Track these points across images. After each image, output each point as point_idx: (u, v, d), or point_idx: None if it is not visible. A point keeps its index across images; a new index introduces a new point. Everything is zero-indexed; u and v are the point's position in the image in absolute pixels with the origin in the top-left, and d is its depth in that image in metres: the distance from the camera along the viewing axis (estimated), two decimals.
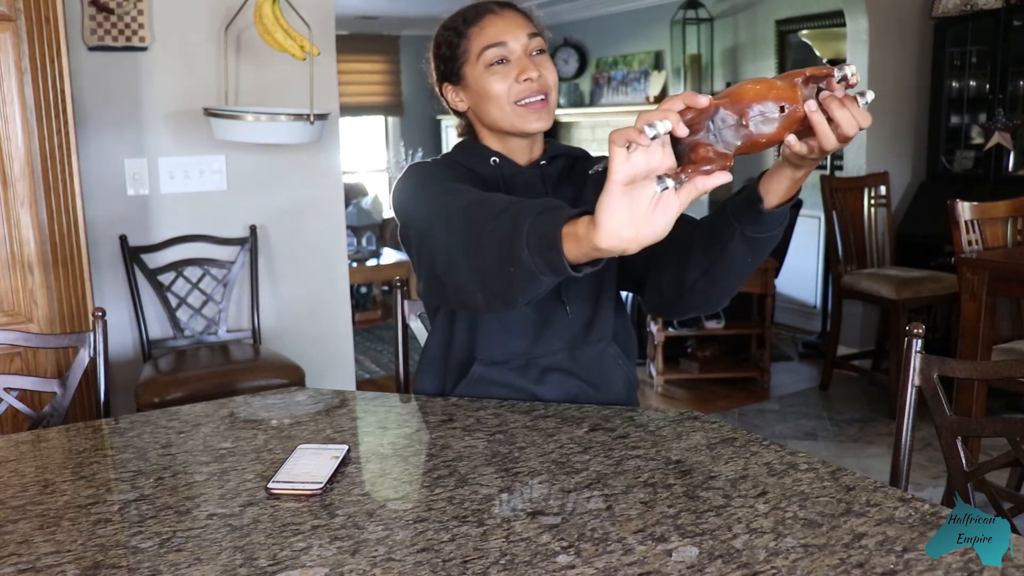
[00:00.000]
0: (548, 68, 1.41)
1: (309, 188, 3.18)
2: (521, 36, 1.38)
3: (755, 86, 0.93)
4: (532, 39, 1.39)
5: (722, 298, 1.30)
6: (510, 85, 1.37)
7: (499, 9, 1.41)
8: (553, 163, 1.49)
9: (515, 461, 1.14)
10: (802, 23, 5.29)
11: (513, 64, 1.38)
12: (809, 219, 5.21)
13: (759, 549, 0.89)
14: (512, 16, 1.41)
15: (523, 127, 1.40)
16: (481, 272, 1.08)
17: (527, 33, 1.39)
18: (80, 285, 2.28)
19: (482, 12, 1.41)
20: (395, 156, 8.24)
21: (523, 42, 1.39)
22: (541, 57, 1.40)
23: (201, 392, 2.50)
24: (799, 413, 3.95)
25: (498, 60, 1.38)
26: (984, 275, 2.88)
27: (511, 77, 1.38)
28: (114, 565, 0.90)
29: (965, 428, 1.31)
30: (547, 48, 1.44)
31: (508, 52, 1.38)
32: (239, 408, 1.42)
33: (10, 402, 1.58)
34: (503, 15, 1.40)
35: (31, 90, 2.15)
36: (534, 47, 1.39)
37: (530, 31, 1.39)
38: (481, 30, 1.39)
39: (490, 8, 1.41)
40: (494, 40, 1.38)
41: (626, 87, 6.87)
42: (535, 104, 1.38)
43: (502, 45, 1.38)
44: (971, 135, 4.41)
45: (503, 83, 1.38)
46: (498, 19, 1.40)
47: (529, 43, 1.39)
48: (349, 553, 0.90)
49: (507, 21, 1.39)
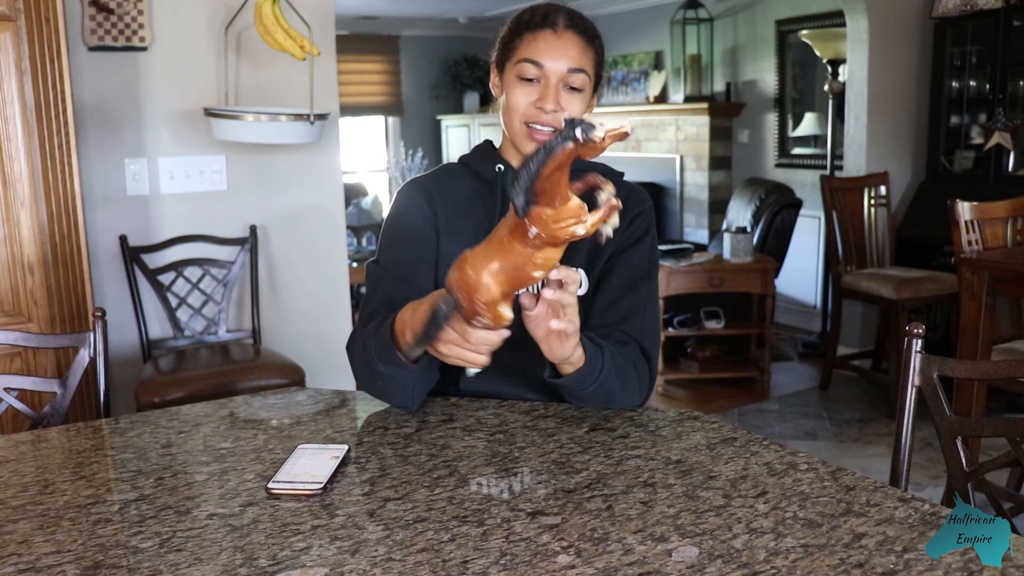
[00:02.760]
0: (574, 106, 1.37)
1: (309, 188, 3.18)
2: (561, 66, 1.35)
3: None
4: (573, 74, 1.35)
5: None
6: (528, 104, 1.37)
7: (562, 28, 1.37)
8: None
9: (515, 461, 1.14)
10: (802, 23, 5.29)
11: (540, 87, 1.36)
12: (809, 219, 5.21)
13: (759, 549, 0.89)
14: (569, 40, 1.36)
15: (522, 146, 1.40)
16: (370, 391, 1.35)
17: (569, 67, 1.35)
18: (80, 285, 2.28)
19: (545, 23, 1.37)
20: (395, 156, 8.25)
21: (560, 73, 1.35)
22: (572, 94, 1.37)
23: (201, 392, 2.50)
24: (799, 413, 3.95)
25: (528, 76, 1.36)
26: (984, 275, 2.88)
27: (531, 97, 1.36)
28: (114, 565, 0.90)
29: (965, 428, 1.31)
30: (590, 85, 1.39)
31: (541, 74, 1.35)
32: (239, 408, 1.42)
33: (10, 402, 1.58)
34: (561, 36, 1.36)
35: (31, 90, 2.15)
36: (571, 82, 1.36)
37: (574, 65, 1.35)
38: (533, 40, 1.36)
39: (554, 22, 1.37)
40: (534, 57, 1.35)
41: (626, 87, 6.88)
42: (540, 133, 1.37)
43: (538, 66, 1.35)
44: (971, 135, 4.41)
45: (523, 99, 1.37)
46: (552, 38, 1.36)
47: (567, 76, 1.35)
48: (349, 553, 0.90)
49: (560, 44, 1.35)
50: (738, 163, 5.99)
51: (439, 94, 8.38)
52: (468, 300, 1.06)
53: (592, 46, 1.38)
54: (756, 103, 5.79)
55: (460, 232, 1.43)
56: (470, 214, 1.45)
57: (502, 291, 1.05)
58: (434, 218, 1.45)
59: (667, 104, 6.27)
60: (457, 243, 1.43)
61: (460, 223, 1.44)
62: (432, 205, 1.45)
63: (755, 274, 4.14)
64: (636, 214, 1.45)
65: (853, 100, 4.52)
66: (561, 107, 1.36)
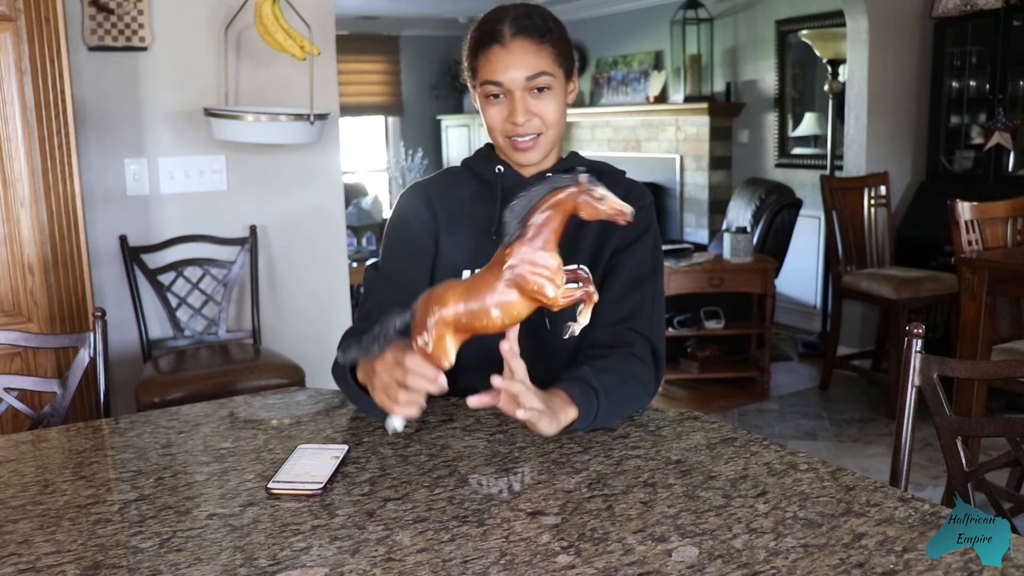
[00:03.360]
0: (547, 106, 1.38)
1: (309, 188, 3.18)
2: (519, 78, 1.35)
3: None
4: (533, 79, 1.35)
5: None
6: (503, 120, 1.38)
7: (509, 39, 1.36)
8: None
9: (515, 461, 1.14)
10: (802, 23, 5.29)
11: (507, 103, 1.37)
12: (809, 219, 5.21)
13: (759, 549, 0.89)
14: (519, 49, 1.36)
15: (512, 158, 1.44)
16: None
17: (526, 76, 1.35)
18: (80, 285, 2.28)
19: (492, 40, 1.37)
20: (395, 156, 8.25)
21: (520, 84, 1.36)
22: (541, 96, 1.37)
23: (201, 392, 2.50)
24: (799, 413, 3.95)
25: (494, 95, 1.38)
26: (984, 275, 2.88)
27: (503, 113, 1.38)
28: (114, 565, 0.90)
29: (965, 428, 1.31)
30: (559, 76, 1.39)
31: (503, 90, 1.36)
32: (239, 408, 1.42)
33: (10, 402, 1.58)
34: (510, 48, 1.35)
35: (31, 90, 2.15)
36: (534, 86, 1.36)
37: (531, 72, 1.35)
38: (486, 60, 1.37)
39: (500, 37, 1.36)
40: (491, 77, 1.36)
41: (626, 87, 6.87)
42: (523, 143, 1.39)
43: (498, 84, 1.36)
44: (971, 135, 4.41)
45: (496, 117, 1.39)
46: (503, 54, 1.35)
47: (528, 84, 1.36)
48: (349, 553, 0.90)
49: (511, 57, 1.35)
50: (738, 163, 5.99)
51: (439, 94, 8.38)
52: (422, 311, 1.08)
53: (545, 42, 1.37)
54: (756, 103, 5.79)
55: (462, 232, 1.45)
56: (471, 214, 1.46)
57: (455, 317, 1.06)
58: (433, 223, 1.46)
59: (667, 104, 6.26)
60: (459, 243, 1.45)
61: (461, 223, 1.46)
62: (432, 210, 1.47)
63: (755, 274, 4.14)
64: (636, 208, 1.45)
65: (853, 100, 4.52)
66: (533, 114, 1.37)
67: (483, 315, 1.07)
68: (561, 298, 1.07)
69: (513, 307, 1.07)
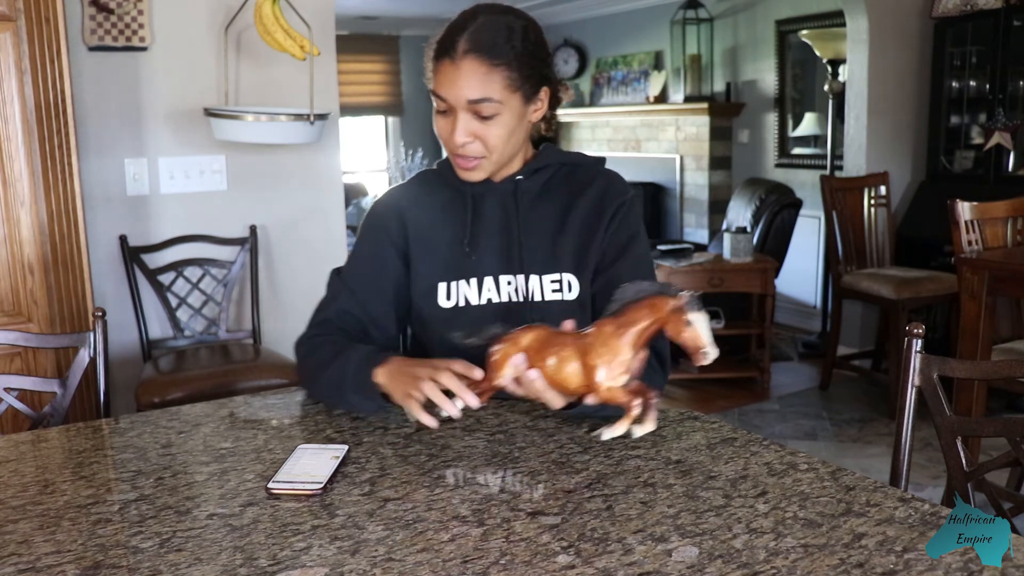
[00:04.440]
0: (491, 131, 1.31)
1: (309, 188, 3.18)
2: (461, 98, 1.29)
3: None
4: (476, 103, 1.29)
5: None
6: (448, 134, 1.34)
7: (460, 56, 1.28)
8: (535, 176, 1.43)
9: (515, 461, 1.14)
10: (802, 23, 5.29)
11: (452, 119, 1.32)
12: (809, 219, 5.21)
13: (759, 549, 0.89)
14: (468, 68, 1.28)
15: (459, 174, 1.39)
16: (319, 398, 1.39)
17: (469, 99, 1.29)
18: (80, 285, 2.28)
19: (444, 53, 1.30)
20: (395, 156, 8.25)
21: (463, 104, 1.30)
22: (485, 121, 1.31)
23: (201, 392, 2.50)
24: (799, 413, 3.95)
25: (440, 109, 1.33)
26: (984, 275, 2.88)
27: (448, 128, 1.33)
28: (114, 565, 0.90)
29: (965, 428, 1.31)
30: (511, 103, 1.31)
31: (448, 107, 1.32)
32: (239, 408, 1.42)
33: (10, 402, 1.58)
34: (459, 66, 1.28)
35: (31, 90, 2.15)
36: (478, 111, 1.30)
37: (474, 96, 1.28)
38: (437, 70, 1.32)
39: (452, 51, 1.29)
40: (437, 90, 1.32)
41: (626, 87, 6.87)
42: (464, 163, 1.35)
43: (442, 99, 1.31)
44: (971, 135, 4.41)
45: (442, 130, 1.35)
46: (451, 70, 1.29)
47: (471, 107, 1.30)
48: (349, 553, 0.90)
49: (458, 75, 1.28)
50: (738, 163, 5.99)
51: None
52: (506, 339, 1.15)
53: (498, 65, 1.28)
54: (756, 103, 5.79)
55: (435, 244, 1.43)
56: (445, 224, 1.43)
57: (528, 344, 1.12)
58: (403, 241, 1.44)
59: (667, 104, 6.27)
60: (431, 257, 1.42)
61: (433, 238, 1.43)
62: (403, 227, 1.44)
63: (755, 274, 4.14)
64: (616, 207, 1.42)
65: (853, 100, 4.52)
66: (476, 136, 1.32)
67: (545, 356, 1.12)
68: (605, 389, 1.08)
69: (568, 377, 1.11)
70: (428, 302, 1.42)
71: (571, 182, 1.45)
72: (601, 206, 1.42)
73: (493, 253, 1.41)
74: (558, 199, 1.43)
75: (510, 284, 1.41)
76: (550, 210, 1.43)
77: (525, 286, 1.40)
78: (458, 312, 1.41)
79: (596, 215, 1.41)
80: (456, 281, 1.41)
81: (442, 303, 1.41)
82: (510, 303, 1.41)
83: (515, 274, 1.41)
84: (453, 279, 1.42)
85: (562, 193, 1.44)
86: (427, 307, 1.42)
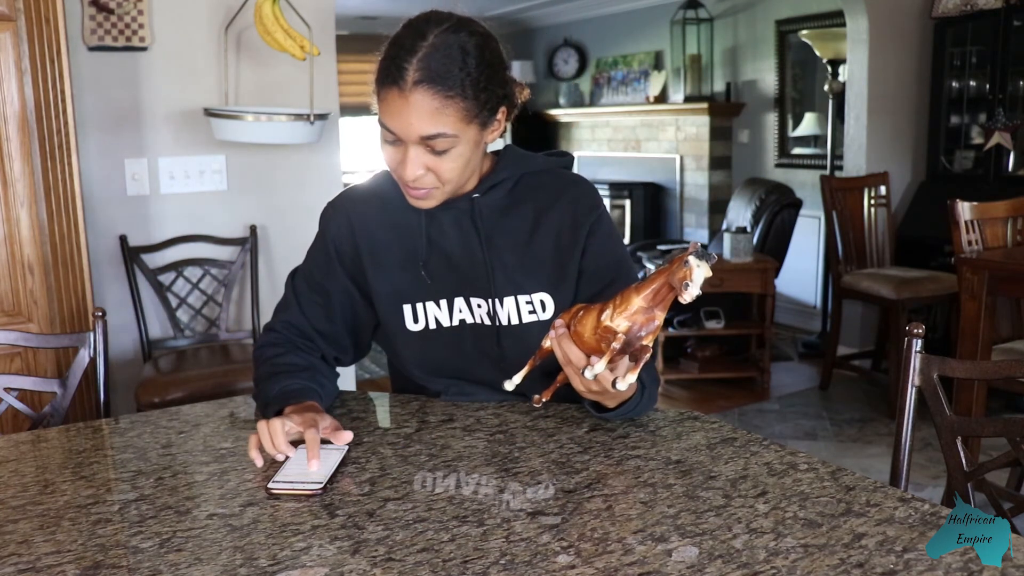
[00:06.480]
0: (445, 164, 1.20)
1: (309, 188, 3.18)
2: (413, 133, 1.17)
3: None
4: (430, 139, 1.17)
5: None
6: (396, 164, 1.23)
7: (410, 87, 1.15)
8: (494, 191, 1.32)
9: (515, 461, 1.14)
10: (802, 23, 5.29)
11: (401, 150, 1.21)
12: (809, 219, 5.21)
13: (759, 549, 0.89)
14: (418, 102, 1.15)
15: (410, 201, 1.28)
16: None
17: (422, 134, 1.17)
18: (80, 285, 2.27)
19: (391, 80, 1.17)
20: None
21: (414, 140, 1.18)
22: (439, 155, 1.19)
23: (201, 392, 2.51)
24: (799, 413, 3.95)
25: (388, 140, 1.22)
26: (984, 275, 2.88)
27: (398, 158, 1.22)
28: (114, 565, 0.90)
29: (965, 428, 1.31)
30: (467, 135, 1.19)
31: (397, 139, 1.20)
32: (239, 408, 1.42)
33: (10, 402, 1.58)
34: (408, 98, 1.15)
35: (31, 90, 2.15)
36: (431, 146, 1.18)
37: (426, 132, 1.17)
38: (383, 99, 1.19)
39: (401, 79, 1.16)
40: (384, 120, 1.20)
41: (626, 87, 6.88)
42: (415, 192, 1.24)
43: (390, 131, 1.20)
44: (971, 135, 4.41)
45: (390, 160, 1.24)
46: (399, 102, 1.16)
47: (423, 142, 1.18)
48: (349, 553, 0.90)
49: (407, 109, 1.16)
50: (738, 163, 5.99)
51: None
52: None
53: (452, 97, 1.16)
54: (756, 103, 5.79)
55: (389, 254, 1.35)
56: (402, 231, 1.35)
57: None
58: (354, 252, 1.37)
59: (667, 104, 6.27)
60: (384, 269, 1.35)
61: (388, 257, 1.35)
62: (352, 237, 1.37)
63: (755, 274, 4.13)
64: (593, 222, 1.33)
65: (853, 100, 4.52)
66: (427, 170, 1.21)
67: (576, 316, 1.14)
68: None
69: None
70: (395, 321, 1.36)
71: (537, 194, 1.35)
72: (574, 220, 1.33)
73: (456, 274, 1.34)
74: (524, 213, 1.34)
75: (480, 307, 1.34)
76: (516, 226, 1.33)
77: (498, 309, 1.33)
78: (428, 335, 1.35)
79: (571, 231, 1.33)
80: (423, 303, 1.35)
81: (410, 326, 1.35)
82: (482, 325, 1.34)
83: (485, 298, 1.33)
84: (418, 300, 1.35)
85: (528, 208, 1.34)
86: (394, 326, 1.36)
